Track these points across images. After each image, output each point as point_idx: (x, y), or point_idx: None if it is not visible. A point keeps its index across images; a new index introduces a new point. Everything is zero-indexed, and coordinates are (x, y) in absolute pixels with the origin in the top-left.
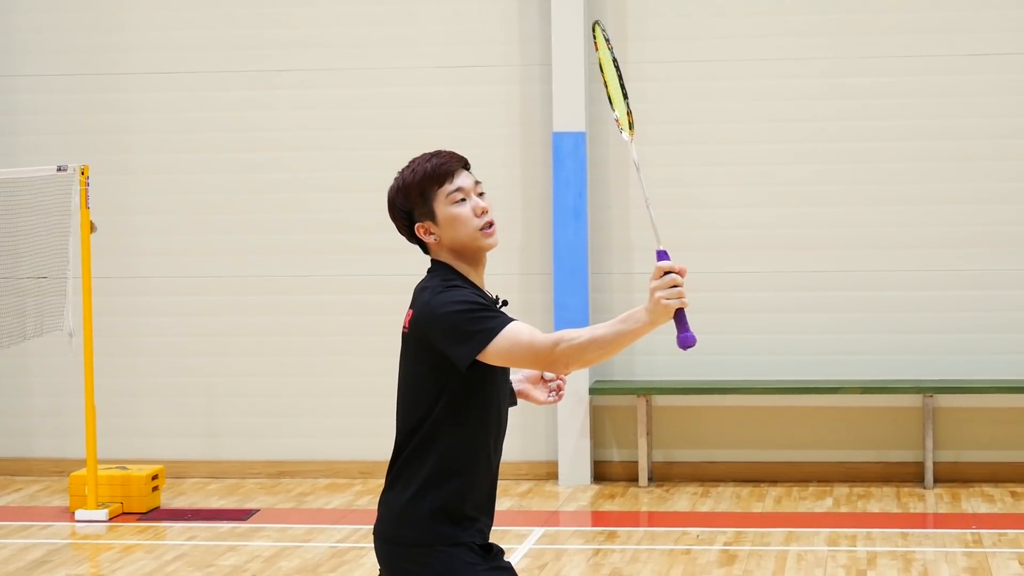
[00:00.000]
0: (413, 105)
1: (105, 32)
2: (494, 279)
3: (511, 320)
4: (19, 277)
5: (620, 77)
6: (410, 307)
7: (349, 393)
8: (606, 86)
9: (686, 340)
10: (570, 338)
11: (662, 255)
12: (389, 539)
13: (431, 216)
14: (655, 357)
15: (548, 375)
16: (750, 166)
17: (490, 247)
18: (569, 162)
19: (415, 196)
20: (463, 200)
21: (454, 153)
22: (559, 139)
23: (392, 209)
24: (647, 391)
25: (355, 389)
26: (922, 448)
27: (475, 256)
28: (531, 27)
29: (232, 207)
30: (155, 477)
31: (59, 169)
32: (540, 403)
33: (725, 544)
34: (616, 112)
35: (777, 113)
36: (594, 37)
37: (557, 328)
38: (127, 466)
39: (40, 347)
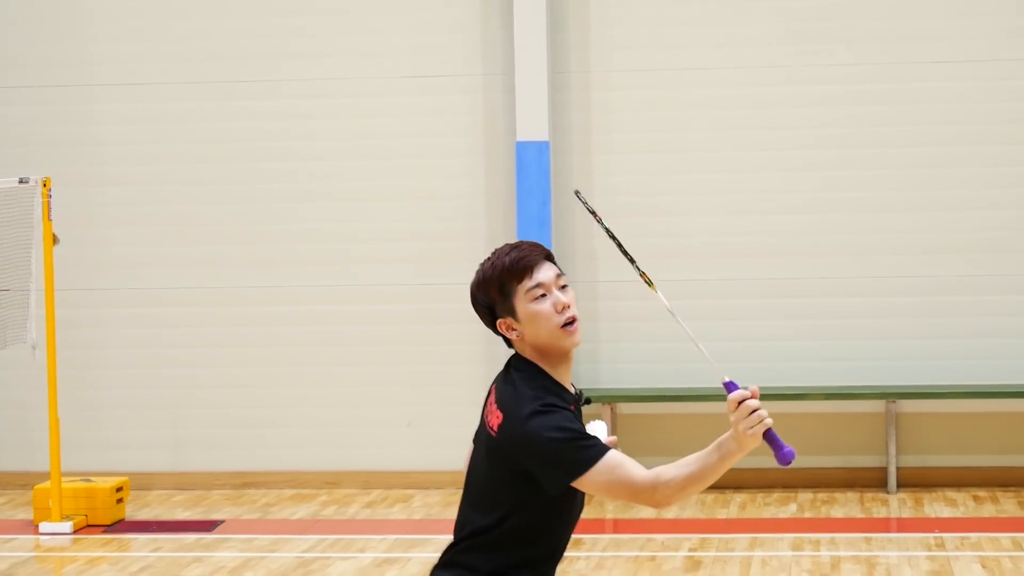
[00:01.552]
0: (377, 115)
1: (69, 43)
2: (459, 289)
3: (607, 449)
4: None
5: (619, 246)
6: (498, 407)
7: (314, 404)
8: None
9: (785, 458)
10: (669, 479)
11: (731, 386)
12: None
13: (511, 312)
14: (620, 365)
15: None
16: (714, 174)
17: (572, 346)
18: (532, 171)
19: (494, 291)
20: (543, 296)
21: (536, 245)
22: (522, 148)
23: (474, 302)
24: (613, 399)
25: (320, 400)
26: (885, 453)
27: (559, 354)
28: (493, 36)
29: (195, 219)
30: (120, 489)
31: (21, 181)
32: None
33: (690, 550)
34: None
35: (742, 121)
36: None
37: None
38: (91, 478)
39: (3, 360)
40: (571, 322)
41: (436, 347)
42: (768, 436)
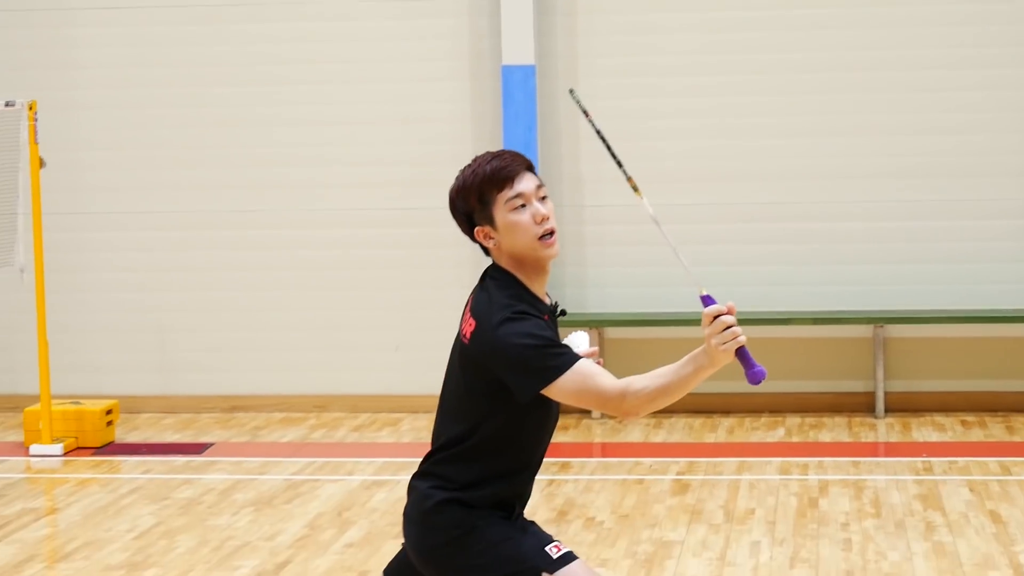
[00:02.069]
0: (361, 39)
1: None
2: (445, 213)
3: (577, 358)
4: None
5: (608, 148)
6: (471, 315)
7: (303, 327)
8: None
9: (755, 376)
10: (637, 390)
11: (707, 300)
12: (422, 526)
13: (490, 221)
14: (607, 289)
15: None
16: (700, 98)
17: (549, 258)
18: (518, 95)
19: (473, 200)
20: (523, 206)
21: (517, 155)
22: (508, 72)
23: (452, 209)
24: (599, 323)
25: (309, 323)
26: (873, 378)
27: (535, 264)
28: None
29: (181, 142)
30: (109, 412)
31: (7, 104)
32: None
33: (678, 474)
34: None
35: (730, 46)
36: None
37: None
38: (81, 401)
39: None
40: (549, 234)
41: (423, 271)
42: (740, 353)
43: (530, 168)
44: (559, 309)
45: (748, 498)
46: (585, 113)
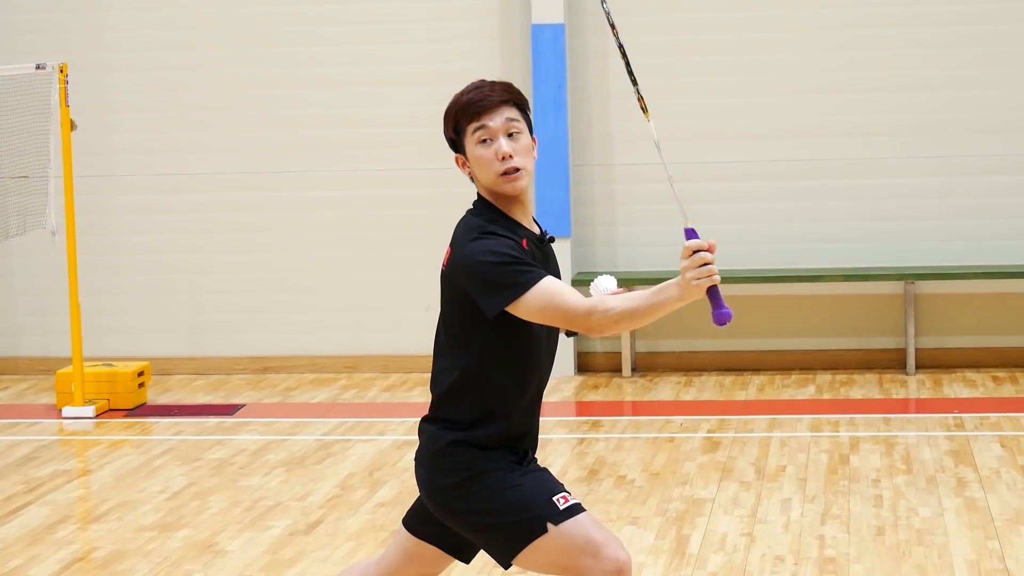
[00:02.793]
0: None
1: None
2: None
3: (544, 276)
4: (0, 177)
5: (627, 64)
6: (449, 245)
7: (333, 288)
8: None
9: (721, 317)
10: (605, 308)
11: (690, 233)
12: (431, 468)
13: (463, 151)
14: (637, 248)
15: None
16: (729, 56)
17: (511, 194)
18: (548, 54)
19: (450, 127)
20: (486, 140)
21: (502, 87)
22: (538, 31)
23: (444, 132)
24: (630, 282)
25: (338, 284)
26: (904, 335)
27: (505, 198)
28: None
29: (212, 104)
30: (141, 374)
31: (38, 67)
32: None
33: (708, 432)
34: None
35: (754, 2)
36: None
37: None
38: (113, 363)
39: (23, 246)
40: (511, 171)
41: (451, 231)
42: (711, 291)
43: (509, 102)
44: (548, 236)
45: (779, 455)
46: (612, 27)
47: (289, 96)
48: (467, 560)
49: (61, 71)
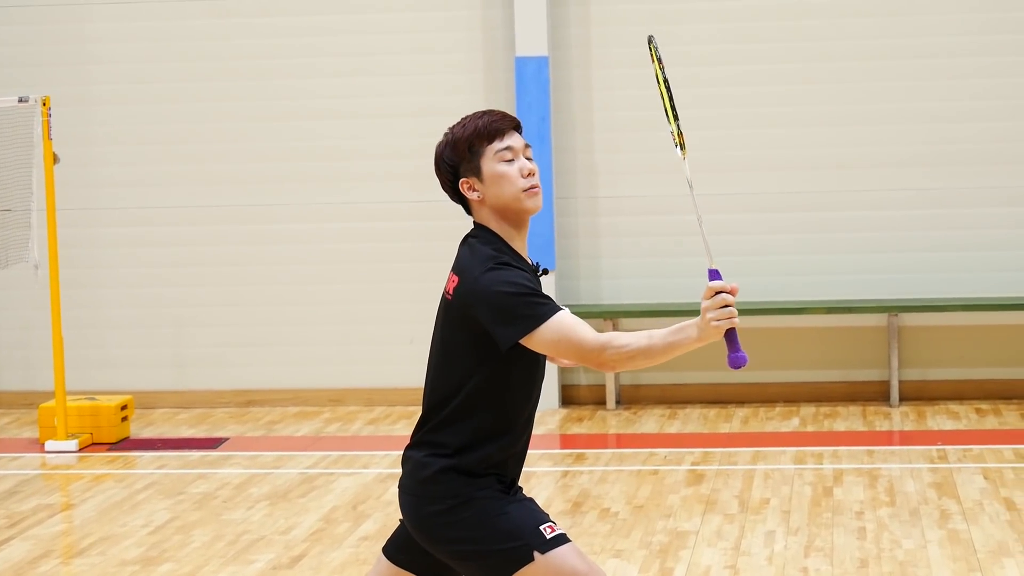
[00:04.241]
0: (375, 32)
1: None
2: (459, 206)
3: (559, 309)
4: None
5: (671, 98)
6: (453, 272)
7: (317, 321)
8: (662, 99)
9: (737, 361)
10: (620, 345)
11: (714, 274)
12: (418, 495)
13: (476, 172)
14: (621, 281)
15: None
16: (714, 88)
17: (532, 210)
18: (532, 87)
19: (463, 150)
20: (511, 160)
21: (507, 113)
22: (522, 64)
23: (438, 163)
24: (614, 314)
25: (323, 317)
26: (887, 367)
27: (517, 218)
28: None
29: (195, 137)
30: (124, 407)
31: (21, 100)
32: (564, 365)
33: (693, 464)
34: (671, 127)
35: (744, 35)
36: (649, 51)
37: None
38: (96, 397)
39: (5, 280)
40: (534, 188)
41: (436, 264)
42: (729, 334)
43: (518, 128)
44: (541, 268)
45: (763, 488)
46: (659, 60)
47: (273, 129)
48: None
49: (44, 104)
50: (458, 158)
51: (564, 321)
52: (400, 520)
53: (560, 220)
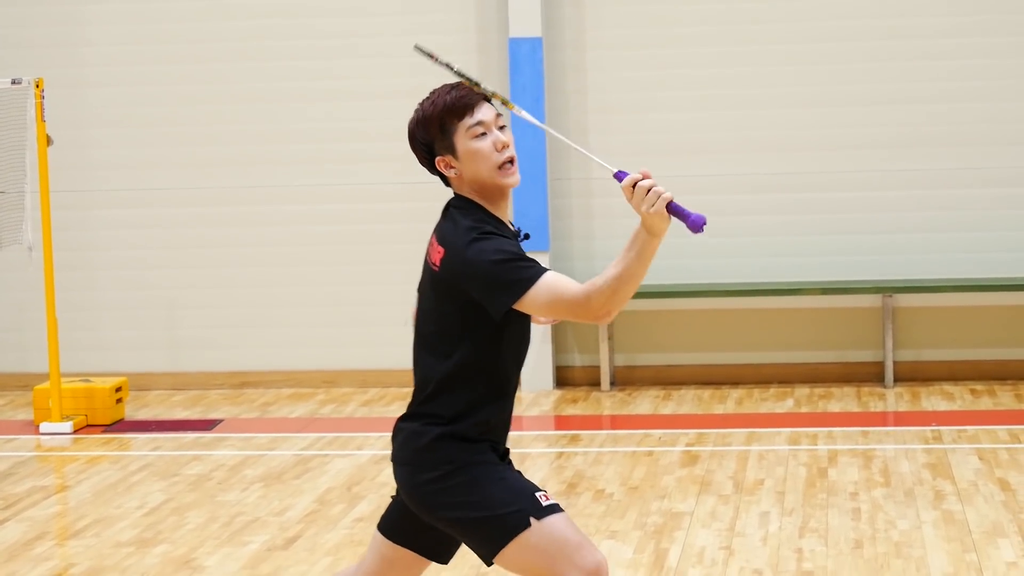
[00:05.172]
0: (368, 14)
1: None
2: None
3: (545, 270)
4: None
5: (459, 73)
6: (439, 243)
7: (310, 303)
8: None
9: (696, 223)
10: (598, 286)
11: (620, 175)
12: (413, 464)
13: (451, 150)
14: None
15: None
16: (707, 69)
17: (510, 186)
18: (526, 68)
19: (435, 129)
20: (484, 134)
21: (465, 86)
22: (515, 45)
23: (412, 140)
24: None
25: (316, 299)
26: (882, 348)
27: (496, 192)
28: None
29: (187, 119)
30: (119, 389)
31: (13, 82)
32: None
33: (687, 445)
34: (486, 92)
35: (737, 15)
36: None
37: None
38: (91, 379)
39: None
40: (510, 161)
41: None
42: (671, 209)
43: (486, 99)
44: (523, 234)
45: (757, 469)
46: (430, 56)
47: (266, 111)
48: (445, 561)
49: (37, 86)
50: (430, 136)
51: (551, 280)
52: (392, 496)
53: (554, 201)
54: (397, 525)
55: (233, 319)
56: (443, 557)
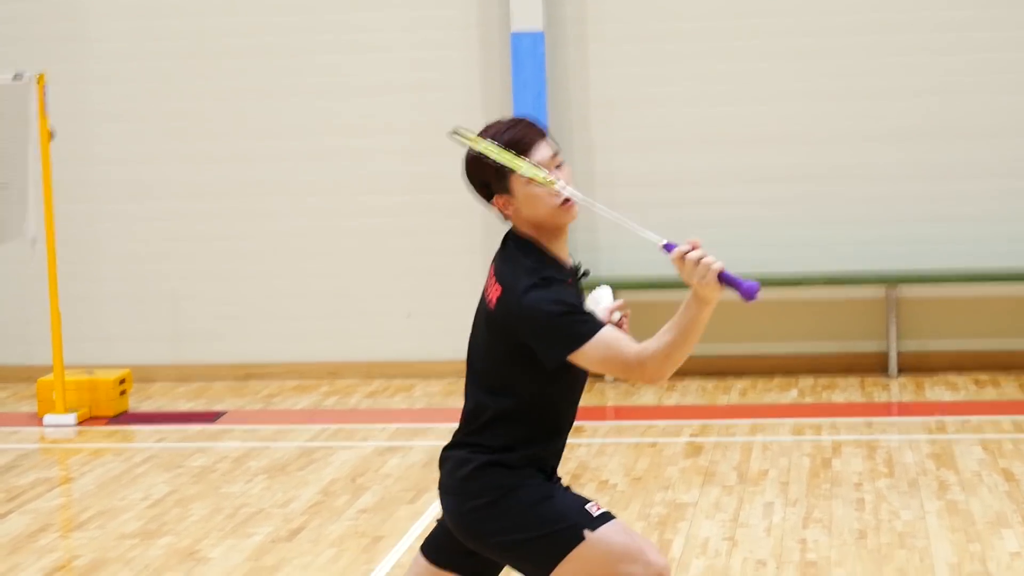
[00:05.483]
0: (371, 9)
1: None
2: (456, 180)
3: (603, 325)
4: None
5: (512, 156)
6: (496, 281)
7: (315, 295)
8: (503, 159)
9: (749, 291)
10: (652, 351)
11: (669, 247)
12: (459, 493)
13: (507, 191)
14: (619, 253)
15: (614, 320)
16: (710, 62)
17: (569, 221)
18: (528, 63)
19: (490, 172)
20: None
21: (532, 123)
22: (517, 40)
23: (469, 176)
24: (613, 288)
25: (320, 291)
26: (886, 338)
27: (554, 230)
28: None
29: (191, 113)
30: (123, 381)
31: (15, 77)
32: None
33: (691, 436)
34: (533, 173)
35: (739, 9)
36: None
37: None
38: (94, 371)
39: (3, 255)
40: (567, 199)
41: (434, 238)
42: (723, 278)
43: (545, 136)
44: (582, 270)
45: (761, 459)
46: (462, 136)
47: (268, 105)
48: None
49: (39, 81)
50: (487, 177)
51: (607, 338)
52: (438, 519)
53: None
54: (443, 549)
55: (237, 311)
56: None
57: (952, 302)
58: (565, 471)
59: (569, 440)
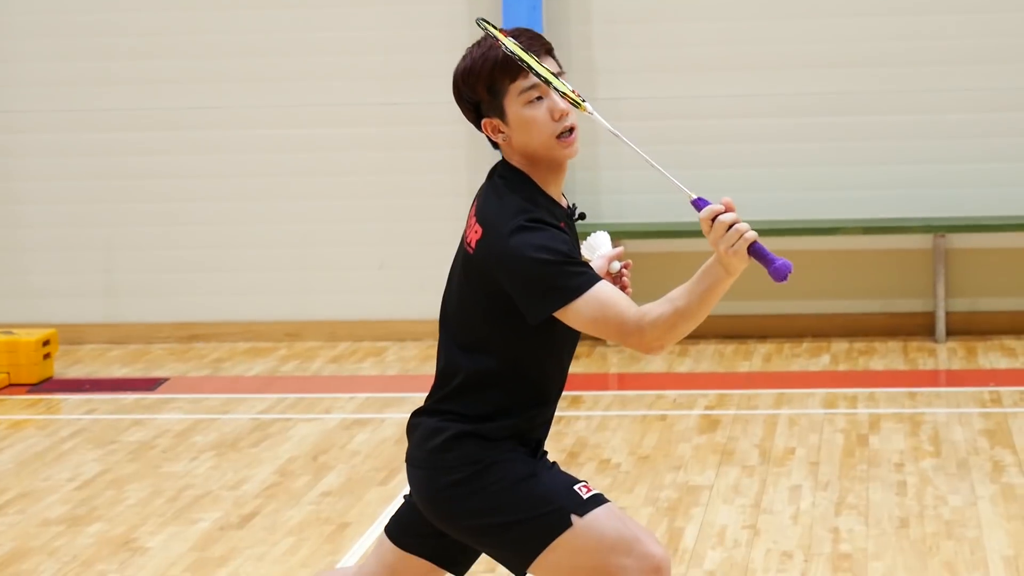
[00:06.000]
0: None
1: None
2: (436, 109)
3: (598, 279)
4: None
5: (536, 62)
6: (477, 221)
7: (271, 244)
8: (530, 66)
9: (780, 271)
10: (655, 317)
11: (700, 203)
12: (430, 467)
13: (500, 114)
14: (623, 196)
15: (613, 270)
16: None
17: (568, 158)
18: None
19: (482, 89)
20: (539, 99)
21: (535, 35)
22: None
23: (457, 94)
24: (615, 235)
25: (278, 239)
26: (932, 296)
27: (550, 164)
28: None
29: (127, 29)
30: (47, 343)
31: None
32: None
33: (706, 408)
34: (559, 87)
35: None
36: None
37: None
38: (13, 331)
39: None
40: (568, 131)
41: (411, 177)
42: (753, 250)
43: (550, 52)
44: (577, 212)
45: (787, 436)
46: (496, 32)
47: (216, 20)
48: (462, 572)
49: None
50: (477, 96)
51: (603, 295)
52: (405, 497)
53: None
54: (409, 530)
55: (180, 262)
56: (461, 567)
57: (1009, 254)
58: (561, 448)
59: (567, 413)
